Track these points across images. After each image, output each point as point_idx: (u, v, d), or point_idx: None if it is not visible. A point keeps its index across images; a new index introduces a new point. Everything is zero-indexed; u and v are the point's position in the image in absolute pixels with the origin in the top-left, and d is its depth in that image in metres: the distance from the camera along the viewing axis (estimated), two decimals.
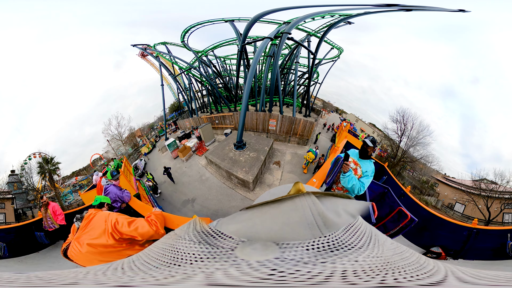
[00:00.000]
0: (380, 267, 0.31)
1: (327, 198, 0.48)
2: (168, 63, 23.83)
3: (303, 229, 0.37)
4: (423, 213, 5.82)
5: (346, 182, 2.86)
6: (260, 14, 15.89)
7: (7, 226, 6.10)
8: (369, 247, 0.36)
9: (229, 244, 0.38)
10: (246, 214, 0.47)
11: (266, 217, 0.43)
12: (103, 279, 0.35)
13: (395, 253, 0.37)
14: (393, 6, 15.23)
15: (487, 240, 5.18)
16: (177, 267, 0.35)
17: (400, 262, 0.34)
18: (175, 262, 0.37)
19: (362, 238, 0.39)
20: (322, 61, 23.96)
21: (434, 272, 0.33)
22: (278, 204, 0.44)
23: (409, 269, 0.33)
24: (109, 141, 22.81)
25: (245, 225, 0.44)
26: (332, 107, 28.48)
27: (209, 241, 0.40)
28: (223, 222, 0.51)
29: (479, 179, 17.12)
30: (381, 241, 0.40)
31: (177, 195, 10.24)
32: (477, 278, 0.33)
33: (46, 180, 19.25)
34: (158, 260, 0.40)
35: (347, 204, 0.51)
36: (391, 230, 3.45)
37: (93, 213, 2.36)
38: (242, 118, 11.23)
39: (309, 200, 0.42)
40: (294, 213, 0.41)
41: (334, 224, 0.39)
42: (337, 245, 0.35)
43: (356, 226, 0.42)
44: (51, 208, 5.71)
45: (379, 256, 0.34)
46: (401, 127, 20.13)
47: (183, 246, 0.41)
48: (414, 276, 0.31)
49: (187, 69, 22.38)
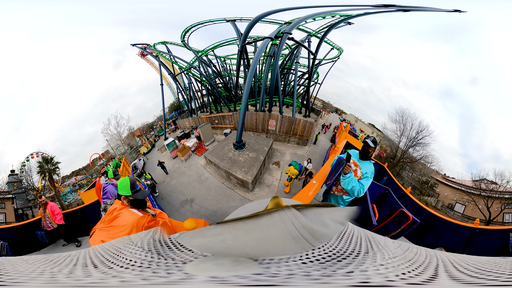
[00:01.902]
0: (403, 265, 0.31)
1: (310, 209, 0.47)
2: (168, 63, 23.81)
3: (288, 243, 0.36)
4: (424, 214, 5.79)
5: (346, 184, 2.81)
6: (262, 15, 15.93)
7: (9, 226, 6.16)
8: (374, 250, 0.36)
9: (184, 257, 0.37)
10: (216, 229, 0.46)
11: (240, 233, 0.41)
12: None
13: (406, 251, 0.37)
14: (391, 6, 15.41)
15: (490, 240, 5.16)
16: (108, 268, 0.35)
17: (416, 258, 0.35)
18: (110, 263, 0.37)
19: (361, 243, 0.38)
20: (322, 61, 23.98)
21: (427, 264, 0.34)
22: (255, 219, 0.42)
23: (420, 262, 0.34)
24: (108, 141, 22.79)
25: (213, 240, 0.43)
26: (331, 108, 28.49)
27: (161, 251, 0.40)
28: (187, 235, 0.50)
29: (479, 179, 17.10)
30: (382, 243, 0.40)
31: (175, 195, 10.20)
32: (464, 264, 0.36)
33: (46, 180, 19.24)
34: (101, 257, 0.40)
35: (333, 212, 0.50)
36: (392, 232, 3.41)
37: (118, 212, 2.08)
38: (241, 118, 11.19)
39: (289, 214, 0.41)
40: (273, 228, 0.39)
41: (323, 235, 0.38)
42: (339, 254, 0.34)
43: (349, 233, 0.42)
44: (49, 208, 5.74)
45: (395, 256, 0.34)
46: (401, 127, 20.12)
47: (128, 251, 0.40)
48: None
49: (187, 69, 22.35)
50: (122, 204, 2.17)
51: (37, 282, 0.30)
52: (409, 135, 19.61)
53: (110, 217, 2.07)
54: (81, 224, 6.47)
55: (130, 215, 2.07)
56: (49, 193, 18.81)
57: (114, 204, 2.20)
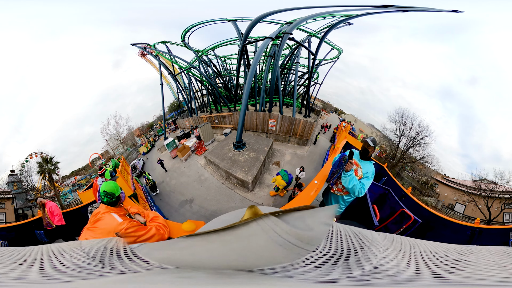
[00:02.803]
0: (401, 255, 0.35)
1: (290, 215, 0.46)
2: (168, 62, 23.79)
3: (279, 252, 0.35)
4: (425, 214, 5.77)
5: (347, 182, 2.79)
6: (263, 15, 15.98)
7: (9, 225, 6.20)
8: (367, 245, 0.38)
9: (132, 267, 0.37)
10: (185, 242, 0.45)
11: (215, 245, 0.40)
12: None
13: (392, 241, 0.40)
14: (389, 7, 15.53)
15: (491, 239, 5.15)
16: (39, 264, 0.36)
17: (403, 247, 0.38)
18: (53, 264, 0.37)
19: (352, 240, 0.40)
20: (322, 61, 24.00)
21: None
22: (231, 231, 0.41)
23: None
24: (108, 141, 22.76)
25: (181, 253, 0.42)
26: (331, 108, 28.50)
27: (105, 260, 0.40)
28: (147, 246, 0.50)
29: (479, 179, 17.11)
30: (370, 236, 0.43)
31: (175, 195, 10.17)
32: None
33: (46, 180, 19.23)
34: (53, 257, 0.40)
35: (315, 214, 0.48)
36: (394, 232, 3.39)
37: (100, 216, 2.23)
38: (241, 118, 11.18)
39: (269, 222, 0.40)
40: (254, 238, 0.38)
41: (311, 238, 0.37)
42: (338, 255, 0.35)
43: (336, 232, 0.43)
44: (48, 208, 5.70)
45: (387, 247, 0.37)
46: (400, 127, 20.11)
47: (69, 255, 0.40)
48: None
49: (187, 69, 22.33)
50: (107, 208, 2.30)
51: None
52: (409, 135, 19.61)
53: (94, 218, 2.21)
54: (80, 224, 6.41)
55: (110, 220, 2.17)
56: (49, 193, 18.80)
57: (98, 208, 2.33)
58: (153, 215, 2.51)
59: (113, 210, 2.27)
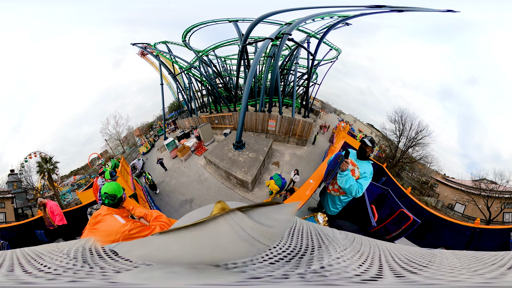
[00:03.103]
0: (357, 256, 0.34)
1: (256, 210, 0.47)
2: (168, 62, 23.79)
3: (243, 247, 0.36)
4: (424, 214, 5.78)
5: (343, 182, 2.77)
6: (264, 15, 16.06)
7: (9, 225, 6.21)
8: (325, 243, 0.38)
9: (119, 266, 0.37)
10: (158, 239, 0.45)
11: (186, 241, 0.41)
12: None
13: (352, 241, 0.40)
14: (383, 7, 15.60)
15: (491, 240, 5.15)
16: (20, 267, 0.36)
17: (362, 248, 0.38)
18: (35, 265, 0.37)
19: (312, 237, 0.40)
20: (321, 62, 24.03)
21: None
22: (200, 226, 0.42)
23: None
24: (107, 141, 22.75)
25: (157, 250, 0.42)
26: (330, 108, 28.49)
27: (88, 260, 0.39)
28: (125, 245, 0.51)
29: (479, 179, 17.11)
30: (331, 235, 0.43)
31: (175, 195, 10.18)
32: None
33: (45, 179, 19.22)
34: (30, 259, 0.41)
35: (279, 210, 0.50)
36: (393, 232, 3.39)
37: (101, 217, 2.14)
38: (241, 118, 11.18)
39: (235, 217, 0.41)
40: (222, 233, 0.39)
41: (273, 233, 0.39)
42: (296, 252, 0.36)
43: (299, 228, 0.43)
44: (49, 208, 5.71)
45: (346, 247, 0.37)
46: (400, 127, 20.10)
47: (49, 257, 0.40)
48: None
49: (187, 69, 22.34)
50: (108, 210, 2.21)
51: None
52: (409, 135, 19.62)
53: (94, 220, 2.13)
54: (80, 224, 6.39)
55: (112, 221, 2.09)
56: (48, 192, 18.80)
57: (99, 209, 2.25)
58: (156, 214, 2.46)
59: (115, 212, 2.19)
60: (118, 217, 2.13)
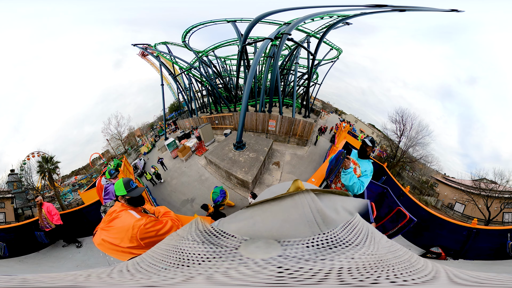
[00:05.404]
0: (373, 265, 0.31)
1: (326, 195, 0.49)
2: (169, 63, 23.84)
3: (303, 226, 0.38)
4: (422, 213, 5.82)
5: (347, 179, 2.82)
6: (262, 15, 16.01)
7: (7, 226, 6.11)
8: (365, 244, 0.36)
9: (232, 243, 0.38)
10: (247, 213, 0.47)
11: (267, 214, 0.43)
12: (112, 281, 0.34)
13: (389, 251, 0.37)
14: (384, 6, 15.45)
15: (487, 240, 5.17)
16: (187, 268, 0.34)
17: (393, 260, 0.34)
18: (182, 263, 0.36)
19: (359, 235, 0.39)
20: (321, 62, 24.02)
21: (423, 269, 0.34)
22: (278, 201, 0.44)
23: (400, 267, 0.33)
24: (109, 140, 22.79)
25: (246, 224, 0.44)
26: (331, 108, 28.48)
27: (212, 241, 0.40)
28: (224, 221, 0.51)
29: (479, 179, 17.12)
30: (377, 239, 0.40)
31: (176, 195, 10.24)
32: (467, 279, 0.33)
33: (46, 180, 19.22)
34: (164, 261, 0.39)
35: (345, 201, 0.51)
36: (390, 230, 3.45)
37: (116, 214, 2.16)
38: (241, 119, 11.23)
39: (308, 198, 0.43)
40: (293, 210, 0.41)
41: (332, 221, 0.40)
42: (335, 242, 0.35)
43: (354, 223, 0.42)
44: (45, 208, 5.68)
45: (374, 253, 0.34)
46: (400, 127, 20.15)
47: (186, 247, 0.40)
48: (404, 273, 0.32)
49: (187, 69, 22.39)
50: (122, 206, 2.21)
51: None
52: (409, 135, 19.67)
53: (109, 218, 2.13)
54: (82, 225, 6.42)
55: (128, 217, 2.11)
56: (49, 192, 18.79)
57: (114, 206, 2.25)
58: (164, 210, 2.51)
59: (129, 207, 2.22)
60: (133, 212, 2.17)
